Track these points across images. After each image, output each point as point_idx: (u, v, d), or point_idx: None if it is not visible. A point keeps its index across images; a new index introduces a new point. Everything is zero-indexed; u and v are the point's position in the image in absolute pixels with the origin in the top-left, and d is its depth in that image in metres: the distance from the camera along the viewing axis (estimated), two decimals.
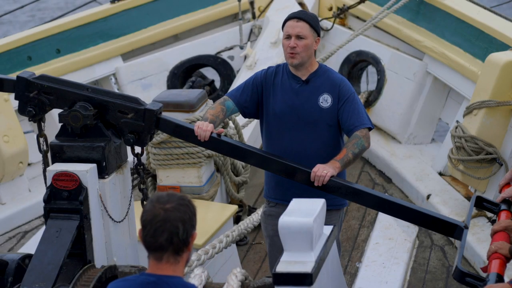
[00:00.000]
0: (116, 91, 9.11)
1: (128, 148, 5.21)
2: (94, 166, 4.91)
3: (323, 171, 4.87)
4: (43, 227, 4.95)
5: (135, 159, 5.23)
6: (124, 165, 5.16)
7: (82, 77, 8.85)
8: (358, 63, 9.11)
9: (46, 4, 21.50)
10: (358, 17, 9.55)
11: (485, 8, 8.18)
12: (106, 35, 9.35)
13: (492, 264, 4.05)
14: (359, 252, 6.82)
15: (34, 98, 5.12)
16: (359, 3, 9.28)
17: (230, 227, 6.10)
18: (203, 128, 4.99)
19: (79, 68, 9.07)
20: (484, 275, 4.07)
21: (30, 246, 6.53)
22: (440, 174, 7.82)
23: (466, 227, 4.76)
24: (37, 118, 5.18)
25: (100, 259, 4.94)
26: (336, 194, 4.96)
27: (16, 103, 5.24)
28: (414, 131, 8.54)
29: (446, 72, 8.15)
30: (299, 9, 8.94)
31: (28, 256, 4.81)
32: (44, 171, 5.10)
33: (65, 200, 4.84)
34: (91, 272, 4.57)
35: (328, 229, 4.36)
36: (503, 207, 4.68)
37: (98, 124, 5.02)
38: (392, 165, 8.15)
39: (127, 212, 5.18)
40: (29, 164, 8.06)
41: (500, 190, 4.83)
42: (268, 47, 9.10)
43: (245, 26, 9.76)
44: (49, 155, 5.16)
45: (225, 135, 5.56)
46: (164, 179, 6.66)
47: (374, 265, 6.54)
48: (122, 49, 9.45)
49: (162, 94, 6.85)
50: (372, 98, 8.82)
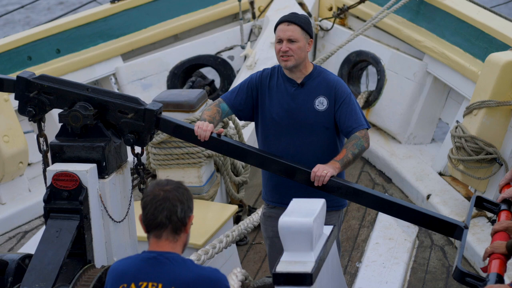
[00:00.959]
0: (116, 91, 9.10)
1: (128, 148, 5.21)
2: (94, 166, 4.91)
3: (323, 171, 4.88)
4: (43, 227, 4.95)
5: (135, 159, 5.23)
6: (124, 165, 5.17)
7: (82, 77, 8.84)
8: (358, 63, 9.10)
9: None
10: (358, 17, 9.53)
11: (485, 8, 8.17)
12: (106, 35, 9.33)
13: (492, 264, 4.05)
14: (359, 252, 6.82)
15: (34, 98, 5.12)
16: (359, 3, 9.27)
17: (230, 227, 6.10)
18: (203, 128, 4.98)
19: (79, 68, 9.06)
20: (484, 275, 4.07)
21: (30, 246, 6.52)
22: (440, 174, 7.81)
23: (466, 227, 4.76)
24: (37, 118, 5.18)
25: (100, 259, 4.94)
26: (336, 194, 4.97)
27: (16, 103, 5.24)
28: (414, 131, 8.53)
29: (446, 72, 8.14)
30: (299, 9, 8.93)
31: (28, 256, 4.81)
32: (44, 171, 5.10)
33: (65, 200, 4.85)
34: (91, 272, 4.58)
35: (328, 229, 4.36)
36: (503, 207, 4.68)
37: (98, 124, 5.02)
38: (392, 165, 8.14)
39: (127, 212, 5.18)
40: (29, 164, 8.05)
41: (500, 190, 4.84)
42: (268, 47, 9.08)
43: (245, 26, 9.75)
44: (49, 155, 5.16)
45: (225, 135, 5.56)
46: None
47: (374, 265, 6.53)
48: (122, 49, 9.44)
49: (162, 94, 6.85)
50: (372, 98, 8.81)
